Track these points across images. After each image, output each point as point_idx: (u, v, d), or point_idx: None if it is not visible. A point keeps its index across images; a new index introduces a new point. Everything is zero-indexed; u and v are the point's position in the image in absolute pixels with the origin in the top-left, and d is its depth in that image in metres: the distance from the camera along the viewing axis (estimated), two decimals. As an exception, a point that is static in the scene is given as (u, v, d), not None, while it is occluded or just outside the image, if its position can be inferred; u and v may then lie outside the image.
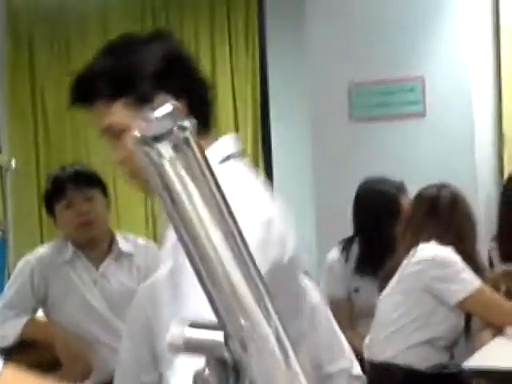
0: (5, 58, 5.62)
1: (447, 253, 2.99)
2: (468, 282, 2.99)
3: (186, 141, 0.61)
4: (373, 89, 4.08)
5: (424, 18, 3.92)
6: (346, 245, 3.52)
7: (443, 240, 3.03)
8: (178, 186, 0.61)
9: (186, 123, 0.61)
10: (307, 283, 1.94)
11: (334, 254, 3.48)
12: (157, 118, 0.61)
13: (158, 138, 0.60)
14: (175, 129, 0.61)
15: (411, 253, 3.03)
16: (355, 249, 3.49)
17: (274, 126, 5.14)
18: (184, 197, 0.62)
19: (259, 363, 0.66)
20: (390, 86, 4.06)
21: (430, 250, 3.02)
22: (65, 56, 5.43)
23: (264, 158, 4.94)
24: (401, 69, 3.99)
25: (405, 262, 3.02)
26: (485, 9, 4.01)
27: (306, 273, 2.89)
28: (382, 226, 3.28)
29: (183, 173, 0.61)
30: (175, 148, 0.60)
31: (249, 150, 4.82)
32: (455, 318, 3.02)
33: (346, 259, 3.48)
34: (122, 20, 5.22)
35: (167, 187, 0.62)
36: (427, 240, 3.03)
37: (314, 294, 2.10)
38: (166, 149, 0.60)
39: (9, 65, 5.62)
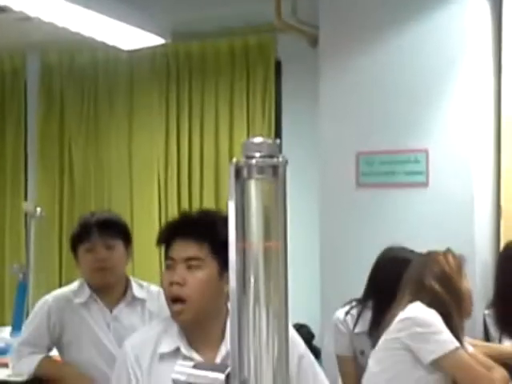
0: (37, 112, 5.68)
1: (429, 313, 2.94)
2: (443, 343, 2.89)
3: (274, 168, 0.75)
4: (379, 158, 4.05)
5: (430, 93, 3.91)
6: (355, 307, 3.46)
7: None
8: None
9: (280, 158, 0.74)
10: (293, 334, 2.21)
11: (340, 314, 3.44)
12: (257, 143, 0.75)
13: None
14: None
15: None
16: (366, 313, 3.40)
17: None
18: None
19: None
20: (395, 156, 4.01)
21: (413, 310, 2.97)
22: (93, 113, 5.48)
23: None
24: (406, 140, 3.96)
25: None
26: (488, 91, 3.99)
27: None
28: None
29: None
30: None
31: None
32: (435, 376, 2.92)
33: (356, 322, 3.43)
34: (148, 83, 5.30)
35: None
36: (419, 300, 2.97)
37: (300, 344, 2.27)
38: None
39: (40, 118, 5.67)
